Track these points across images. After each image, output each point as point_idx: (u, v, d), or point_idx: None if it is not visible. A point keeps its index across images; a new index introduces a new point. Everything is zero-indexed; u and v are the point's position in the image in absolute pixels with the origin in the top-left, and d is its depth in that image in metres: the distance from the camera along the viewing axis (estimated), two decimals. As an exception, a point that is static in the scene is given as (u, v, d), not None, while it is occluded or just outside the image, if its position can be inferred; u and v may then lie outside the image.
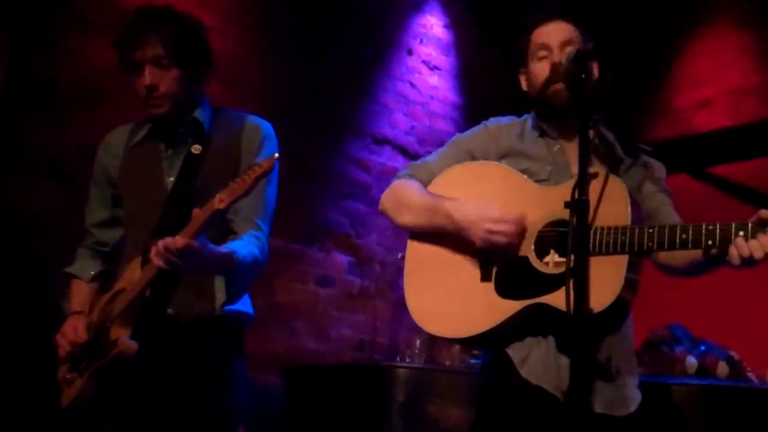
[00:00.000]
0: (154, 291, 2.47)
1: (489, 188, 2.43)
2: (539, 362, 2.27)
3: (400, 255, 4.81)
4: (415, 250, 2.53)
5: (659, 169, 2.53)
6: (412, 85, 6.01)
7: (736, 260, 2.03)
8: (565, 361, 2.23)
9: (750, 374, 3.89)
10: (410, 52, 6.02)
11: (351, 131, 5.56)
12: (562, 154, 2.46)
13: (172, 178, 2.63)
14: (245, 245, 2.51)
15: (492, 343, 2.34)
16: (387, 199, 2.60)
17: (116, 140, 2.80)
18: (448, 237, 2.41)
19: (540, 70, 2.46)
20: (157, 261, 2.30)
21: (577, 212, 1.97)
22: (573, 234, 1.96)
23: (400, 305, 5.32)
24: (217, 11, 4.79)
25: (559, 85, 2.33)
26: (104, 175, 2.78)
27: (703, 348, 3.93)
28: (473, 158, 2.55)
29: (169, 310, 2.54)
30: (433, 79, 6.17)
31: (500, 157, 2.51)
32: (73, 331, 2.57)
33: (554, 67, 2.36)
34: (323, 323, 5.19)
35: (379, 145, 5.70)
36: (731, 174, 5.81)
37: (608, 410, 2.25)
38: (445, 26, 6.30)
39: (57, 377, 2.63)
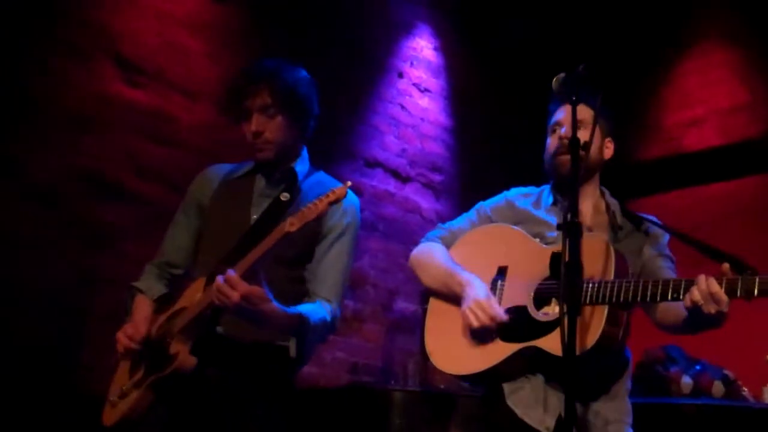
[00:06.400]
0: (214, 311, 2.54)
1: (496, 247, 2.71)
2: (527, 394, 2.47)
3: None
4: (436, 299, 2.78)
5: (661, 235, 2.69)
6: (402, 107, 6.02)
7: (687, 303, 2.22)
8: (553, 398, 2.42)
9: (745, 393, 3.88)
10: (401, 75, 6.04)
11: (343, 154, 5.55)
12: None
13: (255, 216, 2.75)
14: (317, 310, 2.64)
15: (493, 380, 2.54)
16: (415, 258, 2.86)
17: (215, 173, 2.94)
18: None
19: (550, 142, 2.73)
20: (213, 297, 2.40)
21: (570, 234, 2.17)
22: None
23: (393, 328, 5.32)
24: (209, 37, 4.80)
25: (564, 157, 2.56)
26: (195, 204, 2.89)
27: (698, 368, 3.92)
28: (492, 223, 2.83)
29: (220, 329, 2.61)
30: (424, 101, 6.18)
31: (516, 223, 2.74)
32: (134, 328, 2.64)
33: (560, 140, 2.63)
34: (318, 346, 5.15)
35: (371, 168, 5.69)
36: (722, 192, 5.84)
37: None
38: (435, 49, 6.32)
39: (106, 395, 2.68)
